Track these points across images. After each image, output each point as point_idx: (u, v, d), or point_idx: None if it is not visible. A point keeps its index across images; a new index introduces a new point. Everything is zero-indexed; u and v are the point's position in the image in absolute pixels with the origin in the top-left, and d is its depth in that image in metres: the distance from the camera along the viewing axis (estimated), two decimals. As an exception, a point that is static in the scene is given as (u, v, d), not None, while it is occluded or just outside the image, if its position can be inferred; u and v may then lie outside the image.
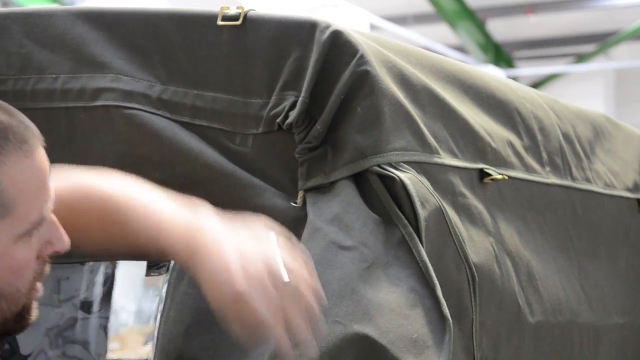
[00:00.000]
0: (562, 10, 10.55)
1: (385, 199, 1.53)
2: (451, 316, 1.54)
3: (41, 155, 1.27)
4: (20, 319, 1.27)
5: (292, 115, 1.56)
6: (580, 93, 10.04)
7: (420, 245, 1.50)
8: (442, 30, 10.12)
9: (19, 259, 1.24)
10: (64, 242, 1.30)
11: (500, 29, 10.81)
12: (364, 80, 1.56)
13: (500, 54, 10.77)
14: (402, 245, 1.51)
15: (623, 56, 11.10)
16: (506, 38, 11.02)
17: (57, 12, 1.80)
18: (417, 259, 1.50)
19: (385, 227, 1.53)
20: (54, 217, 1.29)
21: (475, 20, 10.20)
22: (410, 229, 1.51)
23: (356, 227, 1.51)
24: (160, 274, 1.98)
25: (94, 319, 2.95)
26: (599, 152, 2.27)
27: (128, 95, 1.71)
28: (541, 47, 11.54)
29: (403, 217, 1.52)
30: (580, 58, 10.94)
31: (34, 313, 1.30)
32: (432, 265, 1.50)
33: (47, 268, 1.31)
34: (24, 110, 1.74)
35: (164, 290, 1.69)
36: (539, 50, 11.58)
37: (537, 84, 10.70)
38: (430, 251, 1.52)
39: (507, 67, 10.75)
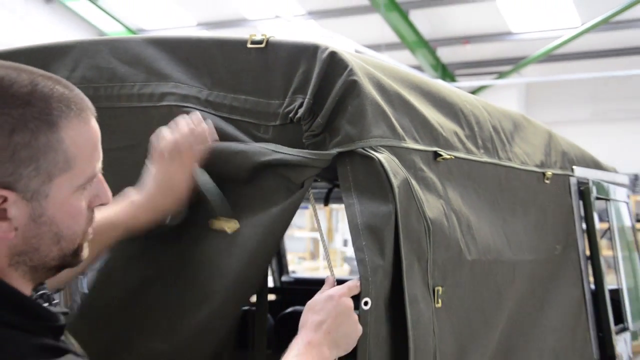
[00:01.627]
0: (488, 42, 10.60)
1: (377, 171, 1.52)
2: (412, 256, 1.54)
3: (95, 123, 1.17)
4: (75, 255, 1.19)
5: (300, 111, 1.54)
6: (501, 99, 10.03)
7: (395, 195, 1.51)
8: (406, 55, 10.11)
9: (76, 207, 1.15)
10: (108, 196, 1.22)
11: (446, 54, 10.80)
12: (353, 87, 1.54)
13: (446, 72, 10.76)
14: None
15: (531, 74, 11.15)
16: (450, 60, 11.02)
17: (134, 39, 1.79)
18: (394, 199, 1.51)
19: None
20: (100, 176, 1.21)
21: (429, 48, 10.20)
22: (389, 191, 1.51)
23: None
24: None
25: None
26: (517, 140, 2.25)
27: (184, 97, 1.69)
28: (474, 67, 11.57)
29: (385, 180, 1.51)
30: (501, 75, 10.94)
31: (86, 251, 1.22)
32: (401, 218, 1.50)
33: (95, 216, 1.22)
34: (113, 109, 1.74)
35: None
36: (473, 69, 11.60)
37: (472, 93, 10.68)
38: (401, 208, 1.51)
39: (451, 81, 10.75)
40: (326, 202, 3.38)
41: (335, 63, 1.55)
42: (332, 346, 1.41)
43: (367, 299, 1.44)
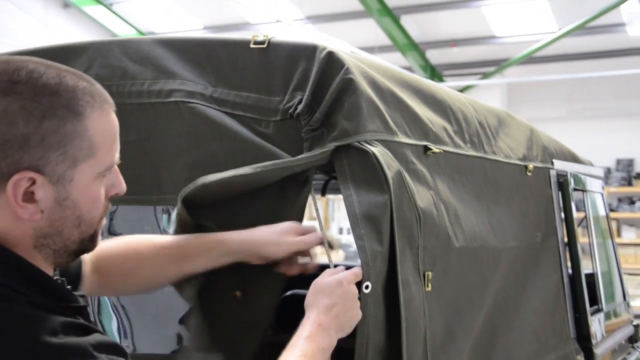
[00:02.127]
0: (473, 45, 10.57)
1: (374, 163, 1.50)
2: (404, 242, 1.52)
3: (114, 116, 1.18)
4: (92, 240, 1.19)
5: (300, 107, 1.53)
6: (485, 98, 9.97)
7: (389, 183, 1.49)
8: (397, 57, 10.07)
9: (96, 193, 1.15)
10: (123, 186, 1.22)
11: (435, 56, 10.76)
12: (349, 84, 1.52)
13: (434, 72, 10.72)
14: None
15: (512, 75, 11.14)
16: (438, 62, 10.98)
17: (144, 40, 1.77)
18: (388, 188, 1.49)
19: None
20: (117, 168, 1.21)
21: (418, 50, 10.16)
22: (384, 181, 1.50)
23: None
24: None
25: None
26: (502, 135, 2.22)
27: (190, 94, 1.67)
28: (460, 68, 11.54)
29: (380, 172, 1.49)
30: (485, 75, 10.92)
31: (99, 239, 1.22)
32: (394, 207, 1.49)
33: (109, 205, 1.22)
34: (124, 105, 1.72)
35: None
36: (459, 70, 11.57)
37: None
38: (395, 198, 1.49)
39: (439, 81, 10.72)
40: (323, 192, 3.36)
41: (332, 62, 1.53)
42: (338, 329, 1.41)
43: (367, 283, 1.42)
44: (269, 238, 1.53)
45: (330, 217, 10.86)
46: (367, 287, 1.42)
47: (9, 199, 1.07)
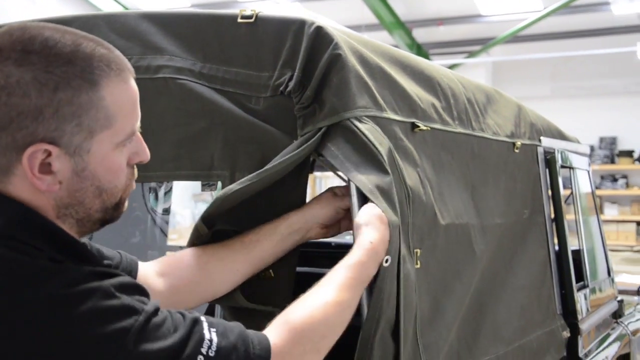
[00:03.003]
0: (459, 24, 10.53)
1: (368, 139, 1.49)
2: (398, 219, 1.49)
3: (134, 84, 1.16)
4: (116, 209, 1.18)
5: (291, 85, 1.49)
6: (471, 77, 9.94)
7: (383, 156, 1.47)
8: (384, 35, 10.01)
9: (117, 163, 1.14)
10: (147, 154, 1.20)
11: (421, 35, 10.72)
12: (337, 60, 1.49)
13: (421, 51, 10.68)
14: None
15: (498, 53, 11.13)
16: (425, 41, 10.94)
17: (130, 14, 1.72)
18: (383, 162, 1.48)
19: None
20: (139, 135, 1.19)
21: (405, 29, 10.12)
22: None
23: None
24: (211, 190, 1.93)
25: (158, 218, 2.90)
26: (490, 112, 2.20)
27: (179, 70, 1.63)
28: (447, 47, 11.51)
29: (374, 150, 1.47)
30: (471, 54, 10.90)
31: (125, 206, 1.21)
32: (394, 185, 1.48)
33: (135, 173, 1.21)
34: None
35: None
36: (446, 49, 11.54)
37: (443, 71, 10.65)
38: (392, 176, 1.48)
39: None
40: (311, 170, 3.33)
41: (321, 37, 1.50)
42: (373, 266, 1.38)
43: (388, 257, 1.40)
44: (321, 204, 1.57)
45: (317, 195, 10.84)
46: (387, 260, 1.40)
47: (25, 171, 1.07)
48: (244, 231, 1.53)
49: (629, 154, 10.93)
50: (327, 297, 1.25)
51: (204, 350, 1.06)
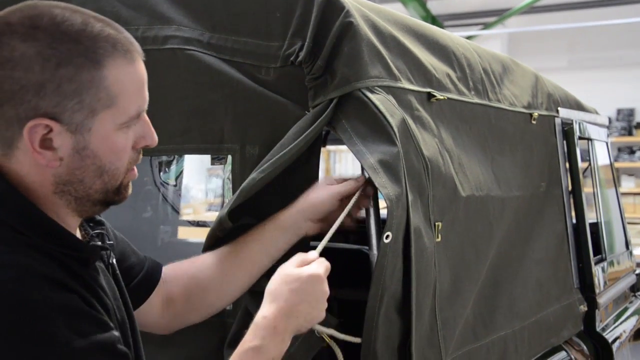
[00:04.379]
0: (475, -5, 10.44)
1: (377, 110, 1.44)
2: (414, 192, 1.46)
3: (141, 66, 1.15)
4: (118, 192, 1.17)
5: (302, 55, 1.45)
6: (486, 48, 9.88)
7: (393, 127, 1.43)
8: (398, 7, 9.91)
9: (119, 144, 1.13)
10: (154, 138, 1.19)
11: (436, 6, 10.61)
12: (349, 28, 1.45)
13: (435, 23, 10.54)
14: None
15: (514, 25, 10.99)
16: (440, 12, 10.83)
17: None
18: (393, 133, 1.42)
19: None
20: (147, 118, 1.18)
21: (419, 0, 10.03)
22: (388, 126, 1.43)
23: None
24: (221, 164, 1.91)
25: (170, 193, 2.87)
26: (506, 82, 2.14)
27: (187, 40, 1.59)
28: (462, 18, 11.39)
29: (384, 121, 1.43)
30: (487, 26, 10.77)
31: (129, 190, 1.20)
32: (402, 156, 1.42)
33: (140, 157, 1.20)
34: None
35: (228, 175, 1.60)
36: (461, 21, 11.42)
37: (457, 43, 10.54)
38: (401, 147, 1.42)
39: (438, 31, 10.60)
40: (324, 143, 3.30)
41: (331, 5, 1.45)
42: (294, 332, 1.25)
43: (388, 232, 1.36)
44: (316, 193, 1.50)
45: (332, 169, 10.81)
46: (387, 237, 1.36)
47: (27, 144, 1.07)
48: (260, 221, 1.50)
49: (647, 125, 10.80)
50: None
51: None
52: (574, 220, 2.53)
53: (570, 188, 2.52)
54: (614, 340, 2.61)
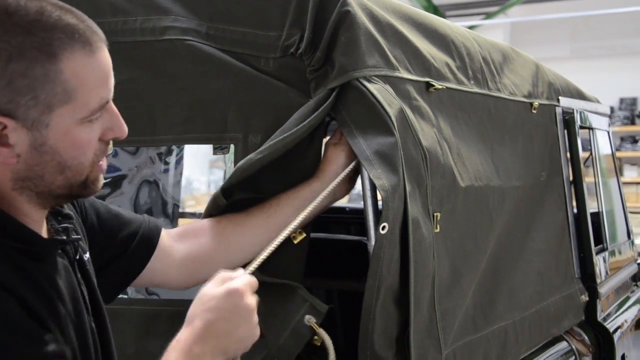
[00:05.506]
0: (477, -16, 10.41)
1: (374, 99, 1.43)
2: (413, 182, 1.45)
3: (104, 55, 1.07)
4: (84, 186, 1.11)
5: (302, 46, 1.45)
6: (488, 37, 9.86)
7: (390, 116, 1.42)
8: (399, -3, 9.88)
9: (82, 139, 1.07)
10: (123, 129, 1.12)
11: (437, -4, 10.59)
12: (346, 18, 1.44)
13: (437, 12, 10.52)
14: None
15: (516, 14, 10.96)
16: (442, 2, 10.80)
17: None
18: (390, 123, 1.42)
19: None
20: (115, 109, 1.12)
21: (420, -10, 10.01)
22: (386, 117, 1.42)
23: None
24: (223, 153, 1.90)
25: (169, 185, 2.87)
26: (506, 71, 2.13)
27: (185, 31, 1.58)
28: (463, 8, 11.35)
29: (382, 111, 1.42)
30: (488, 15, 10.74)
31: (99, 183, 1.14)
32: (400, 146, 1.41)
33: (109, 148, 1.14)
34: (117, 43, 1.61)
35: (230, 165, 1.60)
36: (462, 10, 11.38)
37: (459, 32, 10.52)
38: (399, 137, 1.41)
39: (440, 21, 10.57)
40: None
41: None
42: (218, 354, 1.11)
43: (385, 224, 1.35)
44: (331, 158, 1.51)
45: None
46: (383, 227, 1.35)
47: None
48: (263, 199, 1.49)
49: (649, 115, 10.76)
50: None
51: None
52: (575, 210, 2.52)
53: (571, 178, 2.51)
54: (615, 330, 2.61)
